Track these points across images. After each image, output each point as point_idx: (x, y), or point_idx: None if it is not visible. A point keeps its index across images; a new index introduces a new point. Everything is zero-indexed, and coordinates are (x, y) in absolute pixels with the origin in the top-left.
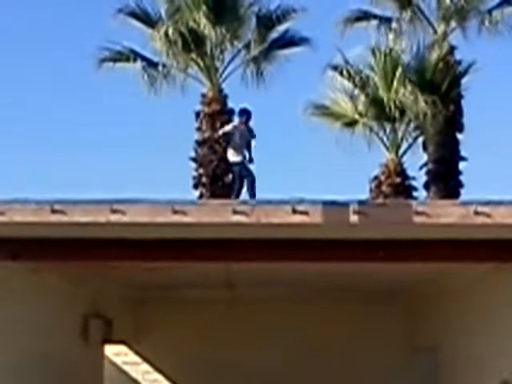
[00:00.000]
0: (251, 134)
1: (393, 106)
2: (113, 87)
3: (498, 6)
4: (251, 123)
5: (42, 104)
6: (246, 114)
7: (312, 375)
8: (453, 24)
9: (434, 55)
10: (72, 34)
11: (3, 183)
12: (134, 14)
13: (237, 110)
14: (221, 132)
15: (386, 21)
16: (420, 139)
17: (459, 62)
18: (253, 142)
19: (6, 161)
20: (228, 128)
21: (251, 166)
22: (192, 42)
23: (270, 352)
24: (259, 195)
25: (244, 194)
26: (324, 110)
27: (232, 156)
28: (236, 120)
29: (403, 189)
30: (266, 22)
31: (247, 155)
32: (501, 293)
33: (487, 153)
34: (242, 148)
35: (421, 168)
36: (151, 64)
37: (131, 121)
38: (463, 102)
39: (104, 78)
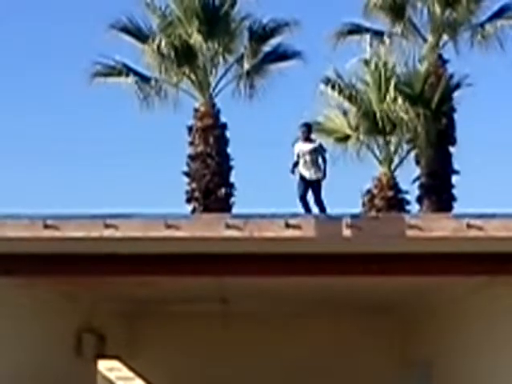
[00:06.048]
0: (322, 149)
1: (385, 119)
2: (105, 102)
3: (490, 19)
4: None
5: (33, 118)
6: (306, 126)
7: None
8: (445, 37)
9: (424, 68)
10: (64, 50)
11: None
12: (126, 30)
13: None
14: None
15: (378, 34)
16: (412, 153)
17: (451, 76)
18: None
19: None
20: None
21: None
22: (184, 56)
23: (263, 366)
24: (251, 210)
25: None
26: (317, 127)
27: (308, 173)
28: (298, 134)
29: (396, 202)
30: (259, 35)
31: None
32: (493, 307)
33: (480, 166)
34: (316, 163)
35: (413, 182)
36: (143, 79)
37: (124, 135)
38: (456, 116)
39: (96, 93)
